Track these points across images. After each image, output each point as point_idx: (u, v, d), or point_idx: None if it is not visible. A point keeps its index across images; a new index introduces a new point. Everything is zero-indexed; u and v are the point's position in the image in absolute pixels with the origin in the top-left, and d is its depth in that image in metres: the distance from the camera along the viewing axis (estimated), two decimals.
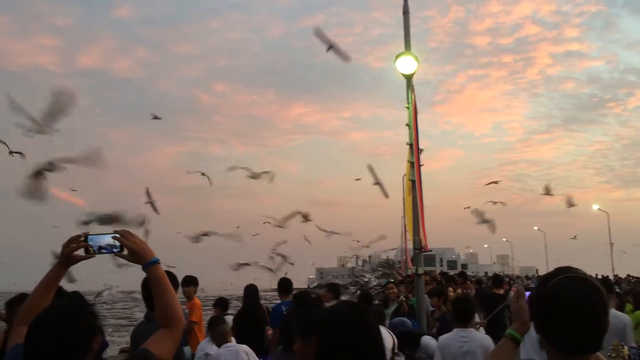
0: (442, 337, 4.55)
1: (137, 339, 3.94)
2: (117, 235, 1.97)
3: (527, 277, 38.34)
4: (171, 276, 4.10)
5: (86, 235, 2.01)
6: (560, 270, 1.59)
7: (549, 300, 1.53)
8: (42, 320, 1.73)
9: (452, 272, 16.51)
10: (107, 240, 1.99)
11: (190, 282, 6.76)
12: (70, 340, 1.68)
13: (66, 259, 2.02)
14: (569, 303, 1.49)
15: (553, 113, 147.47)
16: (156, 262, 1.97)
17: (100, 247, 1.99)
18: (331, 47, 7.28)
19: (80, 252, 2.01)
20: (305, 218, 10.97)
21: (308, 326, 2.40)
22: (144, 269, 1.97)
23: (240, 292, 7.11)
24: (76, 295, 1.79)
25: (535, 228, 65.81)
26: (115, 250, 1.98)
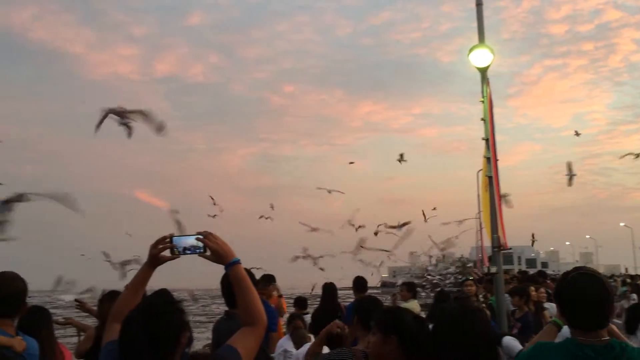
0: None
1: (218, 335, 4.07)
2: (200, 236, 2.04)
3: (613, 276, 36.08)
4: (249, 275, 4.23)
5: (171, 237, 2.08)
6: (576, 269, 2.18)
7: (565, 291, 2.14)
8: (136, 314, 1.82)
9: (531, 271, 15.90)
10: (191, 241, 2.05)
11: (268, 280, 6.88)
12: (161, 334, 1.76)
13: (153, 259, 2.11)
14: (577, 292, 2.08)
15: (638, 102, 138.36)
16: (237, 262, 2.03)
17: (184, 248, 2.06)
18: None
19: (166, 253, 2.09)
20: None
21: (392, 324, 2.43)
22: (225, 268, 2.03)
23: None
24: (165, 292, 1.88)
25: (622, 224, 62.23)
26: (198, 251, 2.05)
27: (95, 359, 3.88)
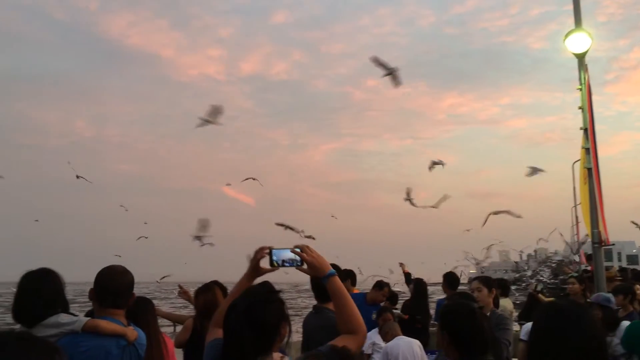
0: None
1: (308, 329, 4.13)
2: (298, 250, 2.12)
3: None
4: (335, 268, 4.23)
5: (271, 249, 2.16)
6: None
7: None
8: (239, 301, 1.93)
9: (632, 268, 14.82)
10: (289, 254, 2.14)
11: (347, 275, 6.85)
12: (261, 320, 1.85)
13: (254, 270, 2.21)
14: None
15: None
16: (333, 274, 2.10)
17: (283, 261, 2.14)
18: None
19: (266, 265, 2.17)
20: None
21: (444, 320, 2.50)
22: (322, 280, 2.10)
23: None
24: (267, 283, 1.99)
25: None
26: (296, 264, 2.13)
27: (193, 348, 4.10)
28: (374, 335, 5.60)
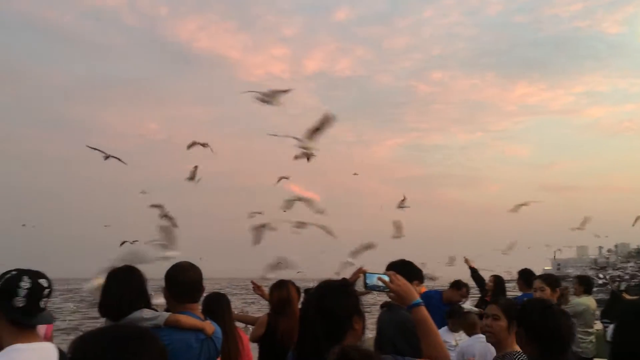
0: None
1: (381, 325, 4.11)
2: (385, 277, 2.12)
3: None
4: (408, 266, 4.14)
5: (365, 272, 2.18)
6: None
7: None
8: (314, 291, 2.04)
9: None
10: (377, 280, 2.14)
11: (416, 276, 6.68)
12: (331, 309, 1.91)
13: None
14: None
15: None
16: (419, 304, 2.10)
17: (375, 285, 2.15)
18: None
19: (360, 287, 2.17)
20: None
21: (520, 316, 2.52)
22: (408, 309, 2.10)
23: None
24: (344, 279, 2.04)
25: None
26: (385, 289, 2.13)
27: (268, 343, 4.17)
28: (445, 334, 5.47)
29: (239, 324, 4.21)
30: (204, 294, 3.26)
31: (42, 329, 2.51)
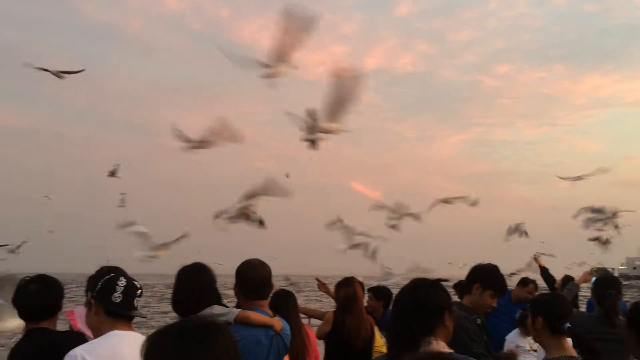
0: None
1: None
2: None
3: None
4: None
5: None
6: None
7: None
8: (408, 285, 2.15)
9: None
10: None
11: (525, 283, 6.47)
12: (423, 301, 2.02)
13: None
14: None
15: None
16: None
17: None
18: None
19: None
20: None
21: (631, 318, 2.49)
22: None
23: None
24: (439, 279, 2.13)
25: None
26: None
27: (334, 341, 4.19)
28: (516, 337, 5.29)
29: (303, 320, 4.25)
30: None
31: None
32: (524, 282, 6.04)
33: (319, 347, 4.09)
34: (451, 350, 2.01)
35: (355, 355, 4.15)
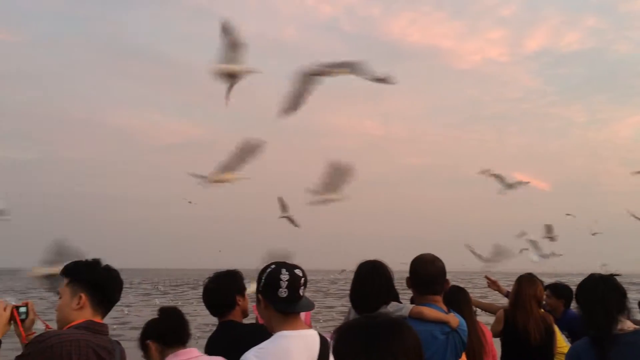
0: None
1: None
2: None
3: None
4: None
5: None
6: None
7: None
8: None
9: None
10: None
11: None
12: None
13: None
14: None
15: None
16: None
17: None
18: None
19: None
20: None
21: None
22: None
23: None
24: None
25: None
26: None
27: (509, 340, 4.00)
28: None
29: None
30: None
31: (302, 316, 2.78)
32: None
33: (497, 345, 3.96)
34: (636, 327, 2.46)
35: (530, 353, 3.95)
